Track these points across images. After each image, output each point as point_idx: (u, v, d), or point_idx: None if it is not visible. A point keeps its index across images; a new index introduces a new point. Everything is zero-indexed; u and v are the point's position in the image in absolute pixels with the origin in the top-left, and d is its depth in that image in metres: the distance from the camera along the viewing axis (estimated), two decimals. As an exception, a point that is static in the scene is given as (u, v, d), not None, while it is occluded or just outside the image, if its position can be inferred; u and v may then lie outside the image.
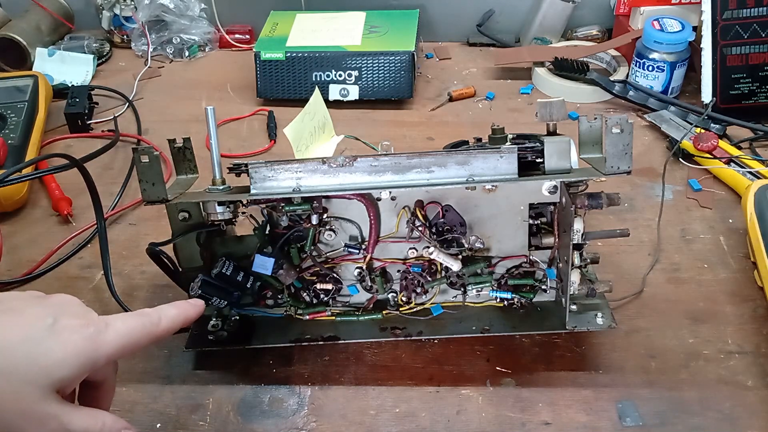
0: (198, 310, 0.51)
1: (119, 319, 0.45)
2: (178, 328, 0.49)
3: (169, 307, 0.49)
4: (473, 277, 0.61)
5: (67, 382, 0.41)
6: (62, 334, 0.41)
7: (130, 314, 0.46)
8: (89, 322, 0.43)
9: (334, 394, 0.59)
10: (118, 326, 0.44)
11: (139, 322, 0.46)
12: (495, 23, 1.14)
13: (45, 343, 0.41)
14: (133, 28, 1.14)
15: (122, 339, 0.44)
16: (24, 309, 0.42)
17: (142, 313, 0.47)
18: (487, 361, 0.61)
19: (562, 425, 0.56)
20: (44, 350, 0.40)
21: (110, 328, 0.43)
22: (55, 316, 0.42)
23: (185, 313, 0.50)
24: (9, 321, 0.41)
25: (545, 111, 0.56)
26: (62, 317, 0.42)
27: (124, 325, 0.44)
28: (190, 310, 0.50)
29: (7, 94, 0.92)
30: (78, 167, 0.61)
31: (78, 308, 0.44)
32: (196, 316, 0.51)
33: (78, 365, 0.41)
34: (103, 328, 0.43)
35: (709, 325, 0.64)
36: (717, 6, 0.89)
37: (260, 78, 1.00)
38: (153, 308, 0.48)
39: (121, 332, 0.44)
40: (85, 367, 0.42)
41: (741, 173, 0.78)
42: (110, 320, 0.44)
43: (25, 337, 0.40)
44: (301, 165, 0.54)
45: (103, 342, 0.43)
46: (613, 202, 0.55)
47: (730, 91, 0.91)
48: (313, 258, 0.61)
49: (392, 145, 0.88)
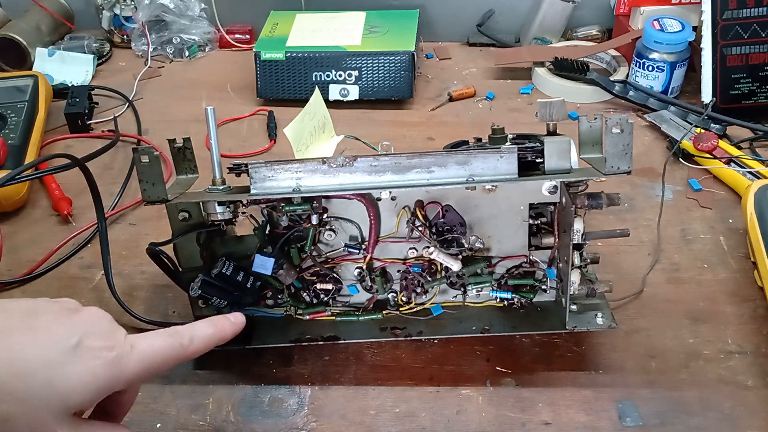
0: (236, 328, 0.49)
1: (147, 340, 0.43)
2: (212, 347, 0.47)
3: (204, 324, 0.47)
4: (473, 277, 0.61)
5: (83, 406, 0.41)
6: (83, 359, 0.40)
7: (160, 334, 0.45)
8: (114, 344, 0.42)
9: (334, 394, 0.59)
10: (144, 349, 0.43)
11: (168, 343, 0.44)
12: (495, 23, 1.14)
13: (65, 368, 0.39)
14: (133, 28, 1.14)
15: (146, 363, 0.43)
16: (49, 327, 0.41)
17: (173, 332, 0.45)
18: (487, 361, 0.61)
19: (562, 425, 0.56)
20: (63, 375, 0.39)
21: (135, 352, 0.42)
22: (79, 337, 0.40)
23: (221, 332, 0.48)
24: (31, 341, 0.40)
25: (545, 111, 0.56)
26: (87, 339, 0.41)
27: (150, 348, 0.43)
28: (227, 328, 0.48)
29: (7, 94, 0.92)
30: (80, 167, 0.61)
31: (106, 326, 0.43)
32: (233, 334, 0.49)
33: (96, 390, 0.40)
34: (127, 351, 0.42)
35: (709, 325, 0.64)
36: (717, 6, 0.89)
37: (260, 78, 1.00)
38: (187, 326, 0.46)
39: (146, 355, 0.43)
40: (103, 391, 0.41)
41: (741, 173, 0.78)
42: (136, 342, 0.43)
43: (45, 361, 0.39)
44: (301, 165, 0.54)
45: (125, 367, 0.41)
46: (613, 202, 0.55)
47: (730, 91, 0.91)
48: (313, 258, 0.61)
49: (392, 145, 0.88)
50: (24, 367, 0.39)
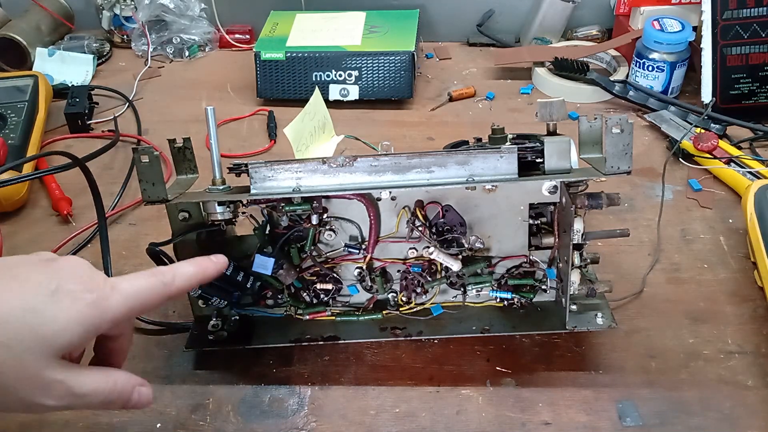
0: (218, 267, 0.49)
1: (127, 281, 0.43)
2: (196, 286, 0.47)
3: (186, 264, 0.47)
4: (473, 277, 0.61)
5: (70, 348, 0.41)
6: (64, 302, 0.40)
7: (141, 274, 0.45)
8: (94, 287, 0.42)
9: (334, 394, 0.59)
10: (126, 288, 0.43)
11: (150, 282, 0.44)
12: (495, 23, 1.14)
13: (46, 312, 0.40)
14: (133, 28, 1.14)
15: (129, 301, 0.43)
16: (27, 277, 0.41)
17: (154, 272, 0.45)
18: (487, 361, 0.61)
19: (562, 425, 0.56)
20: (45, 319, 0.40)
21: (116, 292, 0.42)
22: (58, 282, 0.41)
23: (204, 272, 0.48)
24: (10, 290, 0.40)
25: (545, 111, 0.56)
26: (66, 284, 0.41)
27: (132, 288, 0.43)
28: (209, 267, 0.48)
29: (7, 94, 0.92)
30: (80, 166, 0.61)
31: (85, 272, 0.43)
32: (216, 273, 0.49)
33: (81, 332, 0.41)
34: (108, 292, 0.42)
35: (709, 325, 0.64)
36: (717, 6, 0.89)
37: (260, 78, 1.00)
38: (169, 266, 0.46)
39: (128, 295, 0.43)
40: (89, 332, 0.41)
41: (741, 173, 0.78)
42: (117, 282, 0.43)
43: (26, 307, 0.39)
44: (301, 165, 0.54)
45: (107, 307, 0.41)
46: (613, 202, 0.55)
47: (730, 91, 0.91)
48: (313, 258, 0.61)
49: (392, 145, 0.88)
50: (5, 313, 0.39)
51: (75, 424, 0.57)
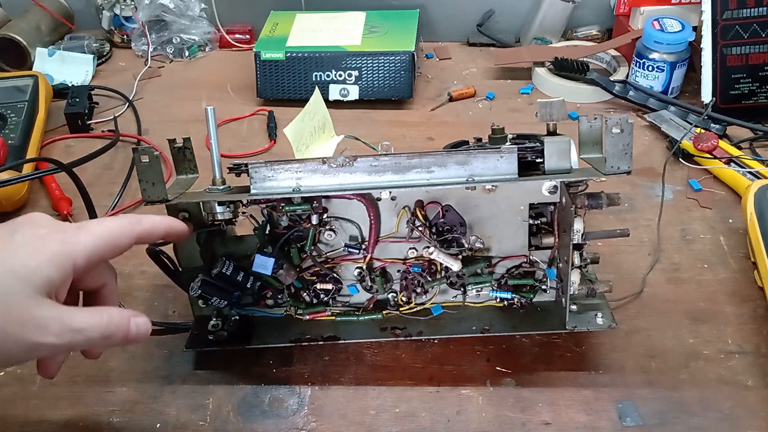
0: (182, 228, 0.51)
1: (95, 222, 0.45)
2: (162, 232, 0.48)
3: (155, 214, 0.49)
4: (473, 277, 0.61)
5: (51, 284, 0.41)
6: (34, 244, 0.42)
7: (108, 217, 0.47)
8: (60, 228, 0.43)
9: (334, 394, 0.59)
10: (93, 227, 0.44)
11: (117, 222, 0.46)
12: (495, 23, 1.14)
13: (18, 254, 0.41)
14: (133, 28, 1.14)
15: (99, 238, 0.44)
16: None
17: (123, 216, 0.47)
18: (487, 361, 0.61)
19: (562, 425, 0.56)
20: (20, 260, 0.41)
21: (84, 230, 0.44)
22: (23, 230, 0.42)
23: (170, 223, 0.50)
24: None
25: (545, 111, 0.56)
26: (31, 229, 0.43)
27: (100, 226, 0.45)
28: (175, 224, 0.50)
29: (7, 94, 0.92)
30: (67, 172, 0.61)
31: (47, 220, 0.45)
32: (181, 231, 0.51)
33: (56, 267, 0.41)
34: (75, 232, 0.43)
35: (709, 325, 0.64)
36: (717, 6, 0.89)
37: (260, 78, 1.00)
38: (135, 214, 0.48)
39: (96, 232, 0.44)
40: (65, 267, 0.42)
41: (741, 173, 0.78)
42: (84, 224, 0.45)
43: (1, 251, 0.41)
44: (301, 165, 0.54)
45: (77, 242, 0.43)
46: (613, 202, 0.55)
47: (730, 91, 0.91)
48: (313, 258, 0.61)
49: (392, 145, 0.88)
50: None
51: (75, 424, 0.57)
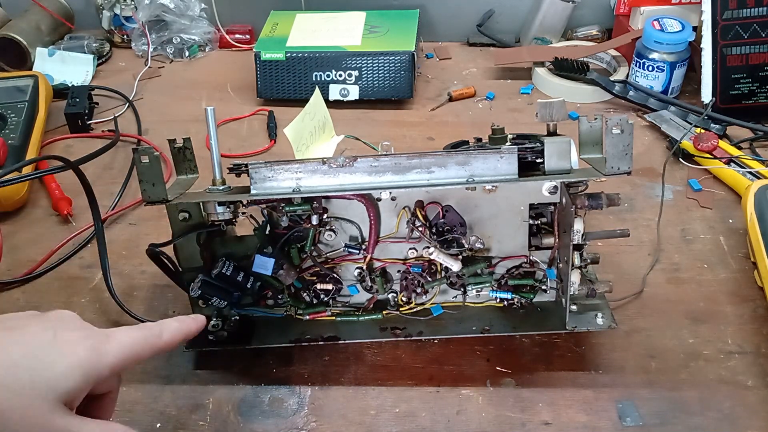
0: (199, 325, 0.51)
1: (120, 331, 0.45)
2: (180, 341, 0.49)
3: (171, 321, 0.49)
4: (473, 277, 0.61)
5: (73, 394, 0.41)
6: (64, 347, 0.41)
7: (132, 327, 0.46)
8: (89, 334, 0.43)
9: (334, 394, 0.59)
10: (120, 337, 0.44)
11: (141, 334, 0.46)
12: (495, 23, 1.14)
13: (48, 357, 0.41)
14: (133, 28, 1.14)
15: (125, 349, 0.44)
16: (24, 326, 0.42)
17: (144, 326, 0.47)
18: (487, 361, 0.61)
19: (562, 425, 0.56)
20: (48, 364, 0.40)
21: (111, 340, 0.44)
22: (54, 330, 0.42)
23: (187, 328, 0.50)
24: (11, 338, 0.41)
25: (545, 111, 0.56)
26: (62, 331, 0.42)
27: (126, 337, 0.45)
28: (192, 324, 0.51)
29: (7, 94, 0.92)
30: (73, 169, 0.61)
31: (77, 322, 0.45)
32: (197, 330, 0.51)
33: (82, 376, 0.41)
34: (104, 339, 0.43)
35: (709, 325, 0.64)
36: (717, 6, 0.89)
37: (260, 78, 1.00)
38: (155, 322, 0.48)
39: (123, 343, 0.44)
40: (90, 378, 0.42)
41: (741, 173, 0.78)
42: (111, 332, 0.44)
43: (28, 353, 0.40)
44: (301, 165, 0.54)
45: (105, 353, 0.43)
46: (613, 203, 0.55)
47: (730, 91, 0.91)
48: (313, 258, 0.61)
49: (392, 145, 0.88)
50: (9, 360, 0.40)
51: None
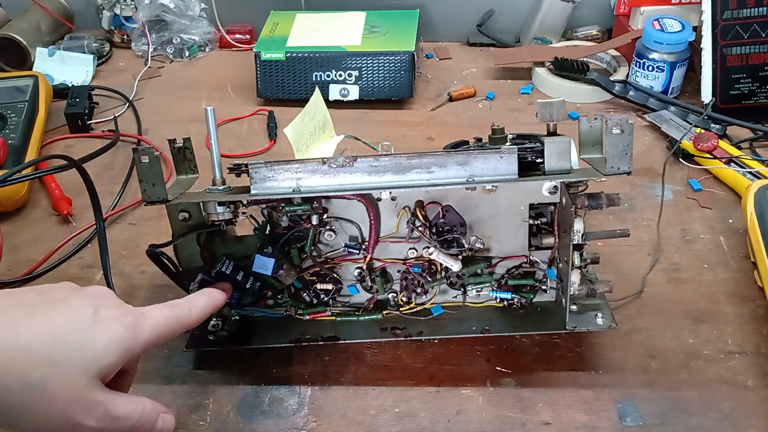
0: (225, 295, 0.54)
1: (154, 309, 0.47)
2: (209, 315, 0.51)
3: (198, 296, 0.52)
4: (473, 277, 0.61)
5: (110, 369, 0.43)
6: (104, 324, 0.43)
7: (163, 305, 0.48)
8: (127, 311, 0.45)
9: (334, 394, 0.59)
10: (155, 315, 0.46)
11: (172, 312, 0.48)
12: (495, 23, 1.14)
13: (90, 333, 0.42)
14: (133, 28, 1.14)
15: (158, 328, 0.46)
16: (67, 300, 0.44)
17: (174, 304, 0.49)
18: (487, 361, 0.61)
19: (562, 425, 0.56)
20: (89, 339, 0.42)
21: (146, 318, 0.45)
22: (95, 307, 0.43)
23: (214, 301, 0.53)
24: (56, 311, 0.43)
25: (545, 111, 0.56)
26: (102, 308, 0.44)
27: (159, 315, 0.47)
28: (218, 296, 0.53)
29: (7, 94, 0.92)
30: (77, 168, 0.61)
31: (114, 299, 0.46)
32: (225, 300, 0.54)
33: (120, 353, 0.43)
34: (140, 317, 0.45)
35: (709, 325, 0.64)
36: (717, 6, 0.89)
37: (260, 78, 1.00)
38: (183, 299, 0.50)
39: (157, 321, 0.46)
40: (125, 354, 0.43)
41: (741, 173, 0.78)
42: (146, 311, 0.46)
43: (72, 328, 0.42)
44: (301, 165, 0.54)
45: (141, 330, 0.45)
46: (613, 203, 0.55)
47: (730, 91, 0.91)
48: (313, 258, 0.61)
49: (392, 145, 0.88)
50: (56, 332, 0.41)
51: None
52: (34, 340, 0.41)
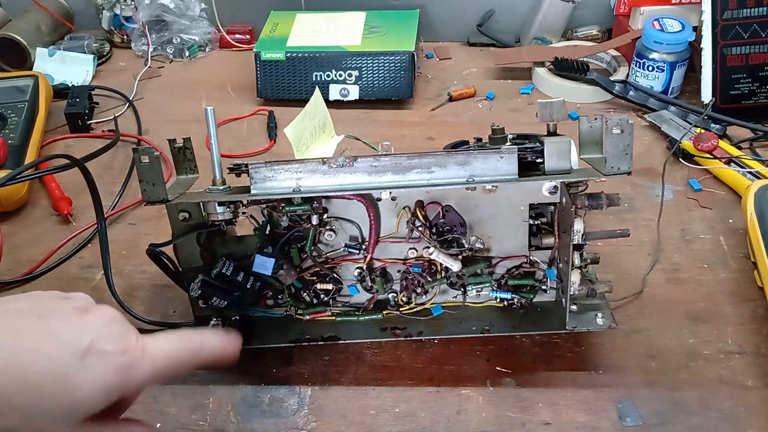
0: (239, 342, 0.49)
1: (159, 344, 0.43)
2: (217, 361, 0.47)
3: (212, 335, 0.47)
4: (473, 277, 0.61)
5: (94, 411, 0.40)
6: (94, 366, 0.39)
7: (173, 336, 0.44)
8: (126, 348, 0.41)
9: (334, 394, 0.59)
10: (156, 354, 0.42)
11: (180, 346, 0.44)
12: (495, 23, 1.14)
13: (75, 377, 0.39)
14: (133, 28, 1.14)
15: (158, 368, 0.42)
16: (60, 331, 0.40)
17: (184, 338, 0.45)
18: (487, 361, 0.61)
19: (562, 425, 0.56)
20: (73, 385, 0.38)
21: (146, 357, 0.42)
22: (91, 339, 0.40)
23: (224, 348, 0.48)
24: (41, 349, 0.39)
25: (545, 111, 0.56)
26: (98, 341, 0.40)
27: (162, 354, 0.43)
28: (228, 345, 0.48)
29: (7, 94, 0.92)
30: (79, 167, 0.61)
31: (117, 328, 0.42)
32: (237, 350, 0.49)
33: (105, 398, 0.40)
34: (138, 356, 0.41)
35: (709, 325, 0.64)
36: (717, 6, 0.89)
37: (260, 78, 1.00)
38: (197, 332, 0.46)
39: (157, 362, 0.42)
40: (113, 398, 0.40)
41: (741, 173, 0.78)
42: (149, 345, 0.42)
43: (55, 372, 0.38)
44: (301, 165, 0.54)
45: (136, 373, 0.41)
46: (613, 203, 0.55)
47: (730, 91, 0.91)
48: (313, 258, 0.61)
49: (392, 145, 0.87)
50: (33, 379, 0.38)
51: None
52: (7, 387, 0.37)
